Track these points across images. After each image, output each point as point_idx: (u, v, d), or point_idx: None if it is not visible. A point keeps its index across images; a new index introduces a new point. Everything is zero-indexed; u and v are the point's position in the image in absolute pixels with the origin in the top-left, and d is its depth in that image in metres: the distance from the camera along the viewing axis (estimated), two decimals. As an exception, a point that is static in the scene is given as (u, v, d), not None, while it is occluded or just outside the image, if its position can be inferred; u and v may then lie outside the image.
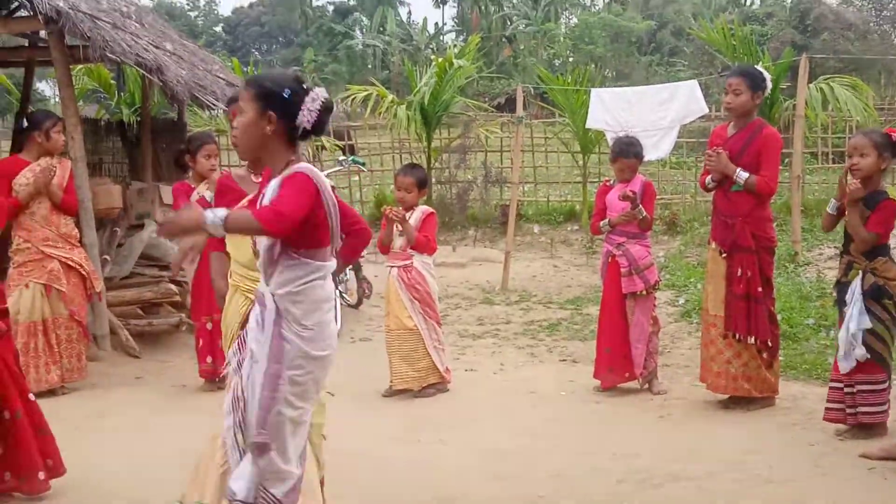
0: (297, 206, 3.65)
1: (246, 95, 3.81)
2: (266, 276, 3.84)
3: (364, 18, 55.90)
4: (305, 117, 3.75)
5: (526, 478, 5.60)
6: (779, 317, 7.16)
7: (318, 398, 4.03)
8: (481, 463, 5.87)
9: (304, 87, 3.79)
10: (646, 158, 8.03)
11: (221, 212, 3.60)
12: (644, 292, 7.35)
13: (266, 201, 3.76)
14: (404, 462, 5.86)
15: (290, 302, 3.79)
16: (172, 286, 9.51)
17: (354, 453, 6.02)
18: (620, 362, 7.37)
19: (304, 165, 3.77)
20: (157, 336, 9.29)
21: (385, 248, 7.50)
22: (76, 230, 8.00)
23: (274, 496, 3.86)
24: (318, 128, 3.81)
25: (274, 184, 3.78)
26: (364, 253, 11.57)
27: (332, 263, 3.88)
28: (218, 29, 65.99)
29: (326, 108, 3.79)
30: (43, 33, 9.38)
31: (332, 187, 4.05)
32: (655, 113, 11.27)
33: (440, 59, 16.20)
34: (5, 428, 5.09)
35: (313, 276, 3.80)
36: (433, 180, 15.47)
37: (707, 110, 11.83)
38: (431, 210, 7.55)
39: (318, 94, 3.79)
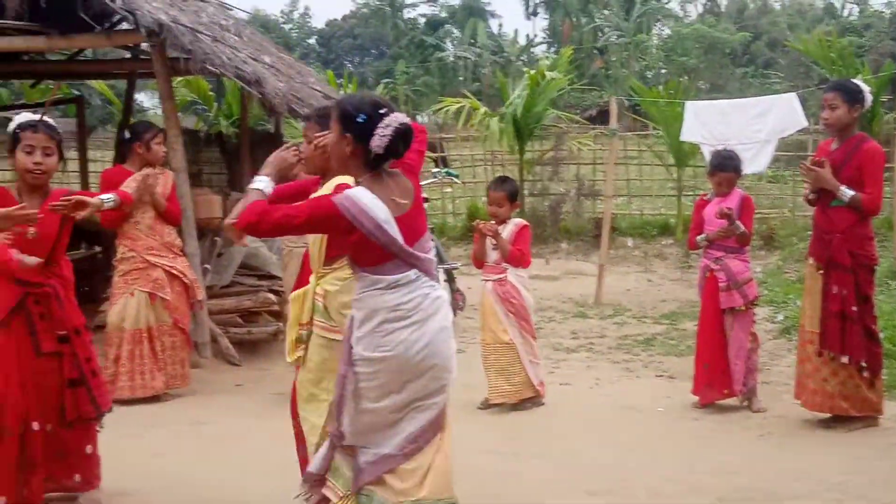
0: (282, 219, 3.97)
1: (333, 115, 4.06)
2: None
3: (455, 30, 56.15)
4: (377, 142, 3.90)
5: (622, 494, 5.54)
6: (882, 335, 6.98)
7: (415, 397, 4.08)
8: (577, 478, 5.81)
9: (381, 112, 3.92)
10: (743, 172, 7.90)
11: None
12: (743, 308, 7.23)
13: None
14: (499, 475, 5.84)
15: (356, 308, 4.07)
16: (271, 295, 9.64)
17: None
18: (719, 379, 7.26)
19: (347, 191, 3.94)
20: (256, 344, 9.42)
21: (479, 261, 7.50)
22: (179, 240, 8.14)
23: (356, 464, 4.11)
24: (392, 152, 3.95)
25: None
26: (458, 265, 11.68)
27: (399, 276, 4.00)
28: (311, 41, 66.77)
29: (400, 134, 3.92)
30: (145, 46, 9.61)
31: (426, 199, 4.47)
32: (752, 126, 11.09)
33: (532, 72, 16.21)
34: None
35: (372, 287, 4.01)
36: (525, 193, 15.45)
37: (805, 123, 11.61)
38: (525, 223, 7.53)
39: (393, 121, 3.91)
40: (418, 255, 4.03)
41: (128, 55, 11.62)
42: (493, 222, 7.28)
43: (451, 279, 10.61)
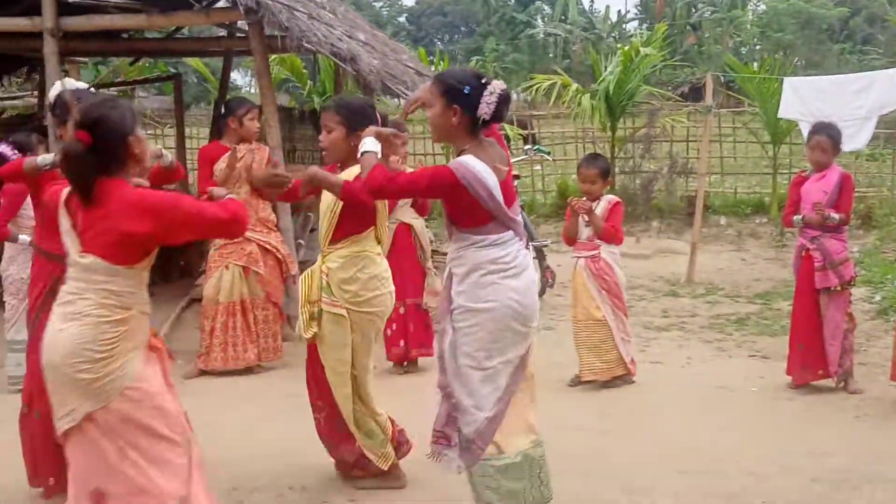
0: (407, 185, 4.40)
1: (435, 90, 4.34)
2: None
3: (546, 7, 55.64)
4: (484, 109, 4.23)
5: (715, 473, 5.49)
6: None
7: (513, 350, 4.36)
8: (669, 457, 5.78)
9: (483, 81, 4.28)
10: (843, 150, 7.73)
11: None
12: (839, 288, 7.10)
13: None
14: (590, 453, 5.84)
15: (456, 265, 4.38)
16: (362, 271, 9.72)
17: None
18: (814, 359, 7.15)
19: (461, 159, 4.25)
20: (347, 319, 9.50)
21: (571, 239, 7.47)
22: (273, 215, 8.27)
23: (465, 434, 4.36)
24: (498, 116, 4.29)
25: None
26: (548, 242, 11.65)
27: (498, 236, 4.32)
28: (401, 19, 66.89)
29: (504, 99, 4.28)
30: (241, 23, 9.74)
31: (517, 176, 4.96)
32: (852, 102, 10.82)
33: (626, 48, 16.04)
34: None
35: (472, 245, 4.33)
36: (617, 170, 15.33)
37: (907, 100, 11.29)
38: (618, 199, 7.48)
39: (496, 87, 4.26)
40: (514, 218, 4.36)
41: (223, 33, 11.81)
42: (585, 199, 7.25)
43: (541, 257, 10.59)
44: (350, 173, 4.92)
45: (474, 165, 4.21)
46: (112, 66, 19.35)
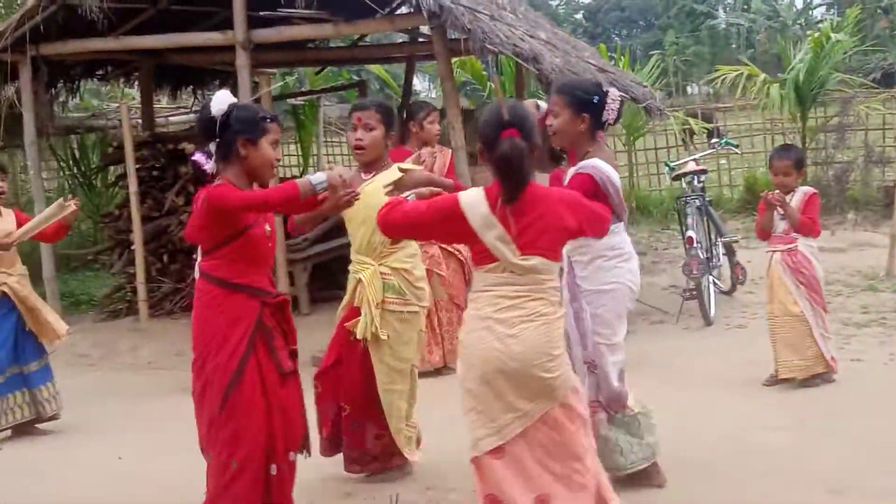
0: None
1: (562, 102, 4.82)
2: None
3: (727, -3, 54.43)
4: (610, 115, 4.82)
5: (924, 475, 5.23)
6: None
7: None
8: (874, 456, 5.54)
9: (605, 90, 4.85)
10: None
11: None
12: None
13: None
14: (791, 453, 5.65)
15: (580, 254, 4.86)
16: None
17: (735, 440, 5.92)
18: None
19: (593, 163, 4.73)
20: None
21: (766, 233, 7.23)
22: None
23: (599, 400, 4.94)
24: (618, 120, 4.93)
25: (571, 171, 4.86)
26: (738, 238, 11.35)
27: (615, 226, 4.70)
28: (578, 16, 66.53)
29: (622, 103, 4.85)
30: (424, 28, 9.87)
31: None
32: None
33: (815, 35, 15.50)
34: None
35: None
36: (809, 161, 14.82)
37: None
38: (814, 191, 7.21)
39: (614, 94, 4.84)
40: (625, 209, 4.96)
41: (406, 39, 12.00)
42: (779, 192, 7.03)
43: (730, 252, 10.34)
44: (387, 177, 5.05)
45: (605, 167, 4.72)
46: (297, 76, 19.93)
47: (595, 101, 4.77)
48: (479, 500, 3.95)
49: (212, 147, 4.32)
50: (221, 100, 4.31)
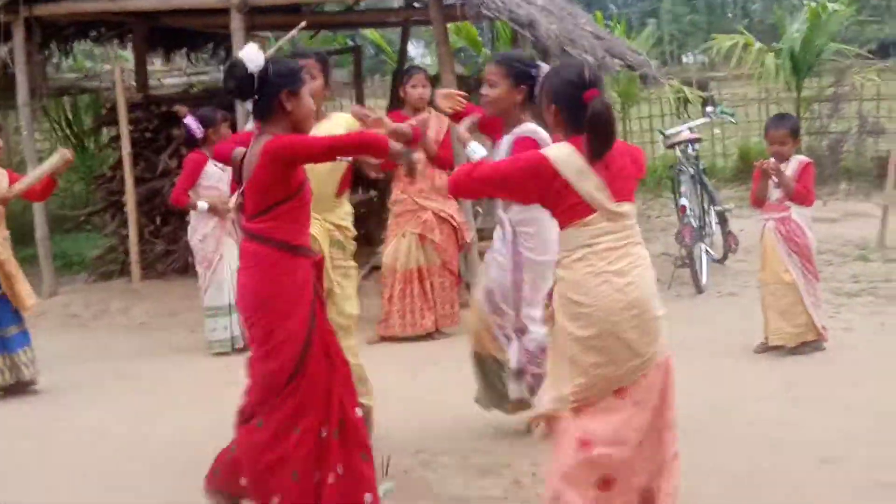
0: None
1: (499, 72, 5.11)
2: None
3: (724, -35, 54.12)
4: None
5: (913, 443, 5.27)
6: None
7: None
8: (865, 426, 5.56)
9: (538, 65, 5.05)
10: None
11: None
12: None
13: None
14: (781, 422, 5.68)
15: (523, 224, 5.14)
16: (540, 238, 9.72)
17: (725, 409, 5.95)
18: None
19: (531, 127, 4.99)
20: (525, 286, 9.52)
21: (760, 201, 7.24)
22: (450, 183, 8.32)
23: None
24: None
25: (508, 138, 5.14)
26: (731, 207, 11.37)
27: None
28: (574, -17, 66.33)
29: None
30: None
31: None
32: None
33: (812, 4, 15.45)
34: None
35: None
36: (803, 132, 14.80)
37: None
38: (809, 160, 7.21)
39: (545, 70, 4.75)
40: None
41: (400, 4, 11.94)
42: (774, 160, 7.03)
43: (723, 221, 10.36)
44: (325, 127, 5.08)
45: (544, 134, 4.83)
46: (291, 40, 19.80)
47: (532, 73, 5.00)
48: (570, 444, 3.83)
49: (248, 105, 4.17)
50: (255, 55, 4.12)
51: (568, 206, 3.83)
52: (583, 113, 3.78)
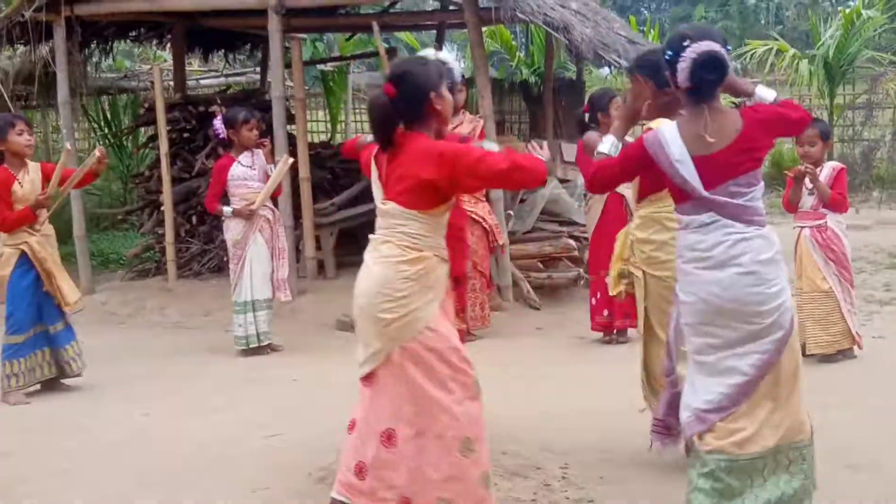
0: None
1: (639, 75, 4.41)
2: None
3: (758, -29, 53.85)
4: (680, 77, 3.87)
5: (945, 452, 5.26)
6: None
7: (723, 344, 3.99)
8: (893, 433, 5.56)
9: (684, 44, 3.87)
10: None
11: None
12: None
13: None
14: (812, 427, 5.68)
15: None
16: (571, 241, 9.78)
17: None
18: None
19: (654, 128, 4.12)
20: (556, 289, 9.58)
21: (792, 207, 7.23)
22: (482, 185, 8.38)
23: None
24: (701, 87, 3.93)
25: None
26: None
27: (693, 217, 3.96)
28: (608, -13, 66.19)
29: (701, 64, 3.85)
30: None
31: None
32: None
33: (846, 11, 15.40)
34: None
35: (679, 227, 4.07)
36: (836, 138, 14.78)
37: None
38: (842, 166, 7.22)
39: (695, 50, 3.86)
40: (712, 199, 3.88)
41: (435, 6, 12.00)
42: (809, 165, 7.00)
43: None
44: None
45: (663, 132, 3.96)
46: (326, 42, 19.94)
47: (667, 56, 3.92)
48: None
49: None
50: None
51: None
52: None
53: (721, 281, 3.87)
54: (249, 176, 8.10)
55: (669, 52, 3.86)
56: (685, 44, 3.81)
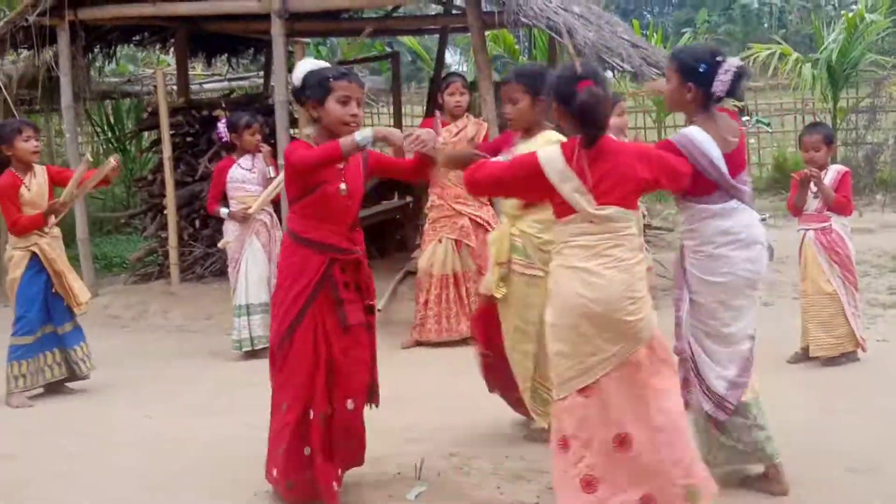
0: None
1: (671, 67, 4.56)
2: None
3: (761, -25, 53.88)
4: (719, 87, 4.40)
5: (948, 455, 5.26)
6: None
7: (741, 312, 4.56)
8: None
9: (718, 59, 4.41)
10: None
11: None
12: None
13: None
14: (813, 431, 5.68)
15: (688, 238, 4.59)
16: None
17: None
18: None
19: (684, 133, 4.41)
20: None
21: (797, 210, 7.23)
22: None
23: (716, 392, 4.58)
24: (732, 93, 4.47)
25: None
26: (766, 216, 11.34)
27: (723, 205, 4.47)
28: (611, -8, 66.15)
29: (739, 76, 4.43)
30: (458, 0, 9.88)
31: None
32: None
33: (849, 14, 15.40)
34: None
35: (701, 216, 4.49)
36: (839, 142, 14.77)
37: None
38: (846, 169, 7.20)
39: (731, 65, 4.41)
40: (739, 187, 4.48)
41: (438, 11, 12.01)
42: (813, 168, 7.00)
43: (758, 231, 10.32)
44: (533, 144, 5.09)
45: (696, 137, 4.37)
46: (329, 46, 19.95)
47: (701, 69, 4.40)
48: (552, 444, 4.15)
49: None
50: (301, 69, 4.65)
51: (556, 203, 4.07)
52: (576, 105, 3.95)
53: (751, 258, 4.48)
54: (248, 179, 8.14)
55: (704, 65, 4.39)
56: (718, 59, 4.39)
